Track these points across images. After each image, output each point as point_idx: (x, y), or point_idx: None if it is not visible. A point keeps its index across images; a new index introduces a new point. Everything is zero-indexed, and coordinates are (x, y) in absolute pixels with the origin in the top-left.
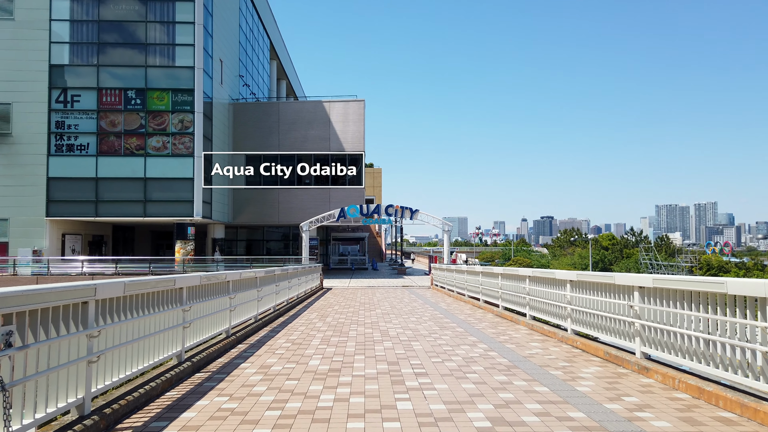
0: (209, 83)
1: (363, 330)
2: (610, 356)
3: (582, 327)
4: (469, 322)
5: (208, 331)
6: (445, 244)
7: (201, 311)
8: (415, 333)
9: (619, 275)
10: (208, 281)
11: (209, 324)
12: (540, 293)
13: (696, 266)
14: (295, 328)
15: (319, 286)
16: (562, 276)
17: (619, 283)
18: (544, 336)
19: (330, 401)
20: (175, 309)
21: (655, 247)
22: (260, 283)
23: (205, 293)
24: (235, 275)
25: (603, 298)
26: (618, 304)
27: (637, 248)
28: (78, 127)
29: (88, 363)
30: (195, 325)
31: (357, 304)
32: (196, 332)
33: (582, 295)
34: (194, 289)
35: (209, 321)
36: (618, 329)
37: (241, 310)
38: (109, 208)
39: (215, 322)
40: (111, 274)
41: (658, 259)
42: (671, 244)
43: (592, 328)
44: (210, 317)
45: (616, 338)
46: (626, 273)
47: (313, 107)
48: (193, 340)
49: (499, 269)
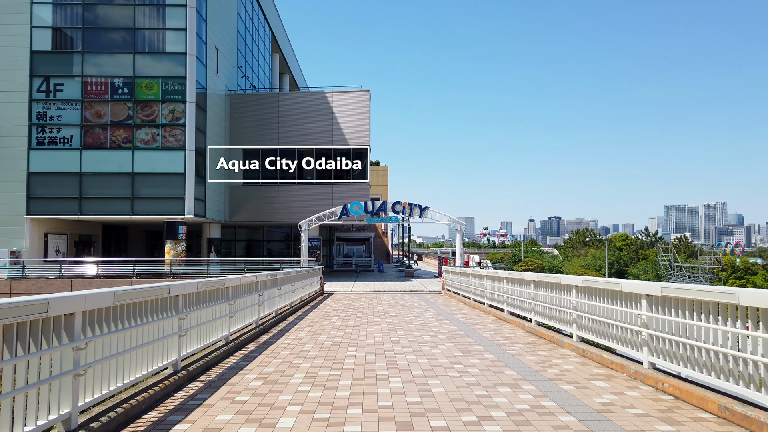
0: (203, 72)
1: (363, 356)
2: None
3: (669, 361)
4: (499, 344)
5: (145, 367)
6: (458, 245)
7: (128, 342)
8: (431, 362)
9: (742, 291)
10: (146, 297)
11: (150, 354)
12: (594, 309)
13: (719, 268)
14: (277, 353)
15: (318, 291)
16: (632, 288)
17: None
18: (606, 368)
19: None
20: (114, 333)
21: (674, 248)
22: (234, 294)
23: (145, 311)
24: (191, 287)
25: (713, 325)
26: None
27: (652, 249)
28: (61, 118)
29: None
30: (128, 355)
31: (359, 315)
32: (128, 367)
33: (669, 318)
34: (137, 306)
35: (151, 349)
36: (736, 370)
37: (200, 332)
38: (94, 206)
39: (156, 353)
40: (92, 277)
41: (678, 261)
42: (690, 245)
43: (689, 365)
44: (151, 345)
45: (725, 382)
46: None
47: (314, 98)
48: (120, 380)
49: (530, 275)
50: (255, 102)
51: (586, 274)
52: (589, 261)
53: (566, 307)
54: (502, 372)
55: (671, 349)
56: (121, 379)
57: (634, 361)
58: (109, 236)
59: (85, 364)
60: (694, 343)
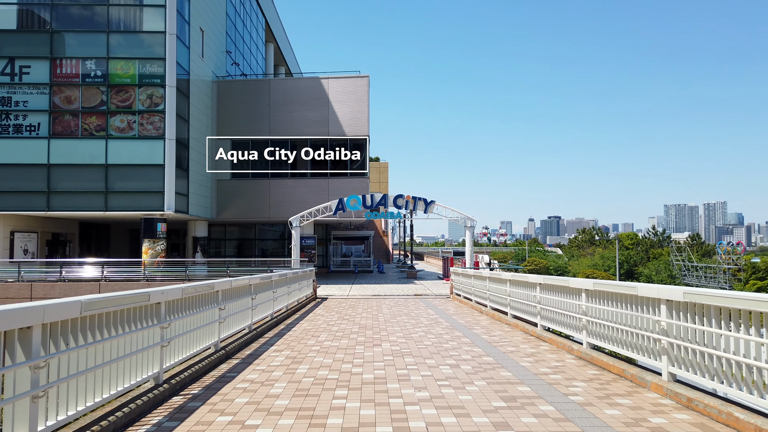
0: (185, 54)
1: (357, 409)
2: None
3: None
4: (551, 382)
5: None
6: (468, 244)
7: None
8: (462, 425)
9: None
10: None
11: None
12: (708, 338)
13: (735, 268)
14: (229, 401)
15: (310, 296)
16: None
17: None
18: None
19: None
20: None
21: (687, 247)
22: (168, 312)
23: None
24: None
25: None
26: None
27: (662, 248)
28: (27, 104)
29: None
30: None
31: (355, 330)
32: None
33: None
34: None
35: None
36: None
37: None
38: (64, 201)
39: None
40: (54, 280)
41: (692, 260)
42: (704, 244)
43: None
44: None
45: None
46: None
47: (309, 85)
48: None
49: (579, 282)
50: (244, 89)
51: (595, 274)
52: (596, 261)
53: (648, 329)
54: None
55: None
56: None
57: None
58: (89, 235)
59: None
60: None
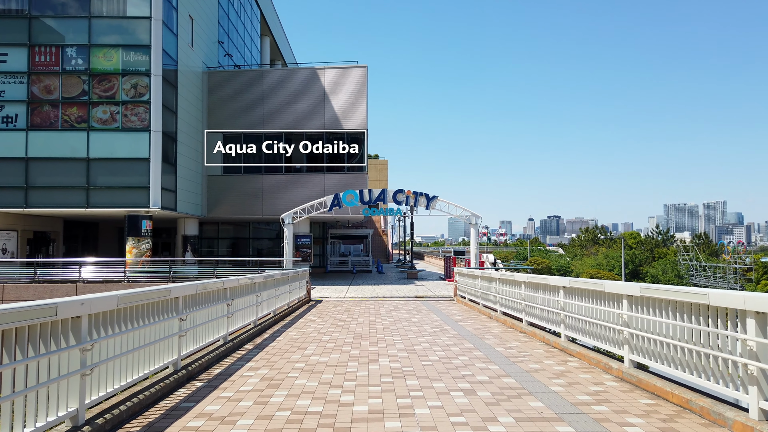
0: (173, 42)
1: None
2: None
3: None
4: (600, 419)
5: None
6: (473, 243)
7: None
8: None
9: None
10: None
11: None
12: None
13: (745, 268)
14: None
15: (303, 299)
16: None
17: None
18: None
19: None
20: None
21: (694, 246)
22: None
23: None
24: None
25: None
26: None
27: (667, 248)
28: (4, 94)
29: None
30: None
31: (349, 340)
32: None
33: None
34: None
35: None
36: None
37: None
38: (43, 197)
39: None
40: (28, 282)
41: (700, 260)
42: (711, 243)
43: None
44: None
45: None
46: None
47: (304, 75)
48: None
49: (616, 286)
50: (236, 79)
51: (599, 274)
52: (600, 260)
53: (725, 350)
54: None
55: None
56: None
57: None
58: (75, 233)
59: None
60: None
